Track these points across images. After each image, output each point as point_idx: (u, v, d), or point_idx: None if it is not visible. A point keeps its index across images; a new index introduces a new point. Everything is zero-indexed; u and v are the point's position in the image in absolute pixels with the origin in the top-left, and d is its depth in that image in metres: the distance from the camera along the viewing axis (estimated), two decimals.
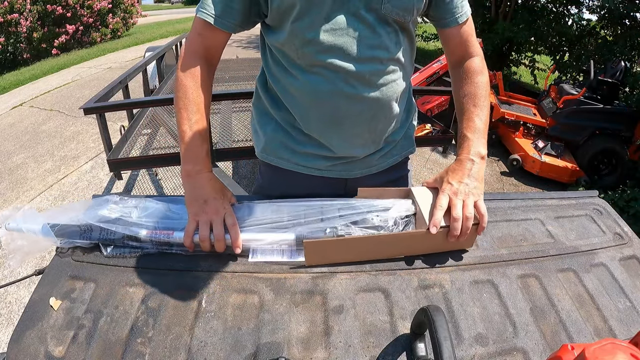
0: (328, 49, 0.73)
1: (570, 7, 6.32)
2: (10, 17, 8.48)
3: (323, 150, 0.85)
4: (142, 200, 0.76)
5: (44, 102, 5.60)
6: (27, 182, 3.43)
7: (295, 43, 0.74)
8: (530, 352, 0.58)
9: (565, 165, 3.66)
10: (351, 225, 0.71)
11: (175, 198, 0.80)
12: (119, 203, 0.74)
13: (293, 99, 0.81)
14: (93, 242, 0.69)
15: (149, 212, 0.73)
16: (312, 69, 0.75)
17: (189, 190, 0.74)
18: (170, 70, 3.87)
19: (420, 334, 0.56)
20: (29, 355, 0.54)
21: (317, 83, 0.76)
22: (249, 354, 0.55)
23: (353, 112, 0.79)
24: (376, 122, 0.82)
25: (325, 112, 0.79)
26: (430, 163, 3.93)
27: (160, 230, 0.70)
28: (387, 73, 0.78)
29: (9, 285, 0.70)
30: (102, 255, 0.68)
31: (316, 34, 0.71)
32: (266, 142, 0.90)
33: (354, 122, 0.80)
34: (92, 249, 0.69)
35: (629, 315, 0.66)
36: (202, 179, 0.74)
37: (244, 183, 3.27)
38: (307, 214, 0.73)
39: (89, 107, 1.74)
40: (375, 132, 0.84)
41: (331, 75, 0.75)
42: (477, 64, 0.84)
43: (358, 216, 0.71)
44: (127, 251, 0.69)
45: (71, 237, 0.69)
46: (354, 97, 0.77)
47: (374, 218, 0.71)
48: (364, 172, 0.91)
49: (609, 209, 0.90)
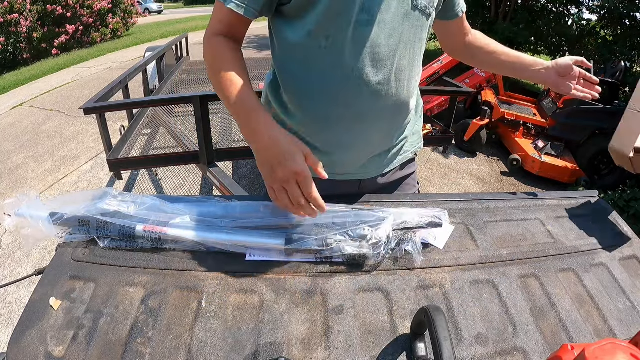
0: (357, 32, 0.70)
1: (570, 7, 6.32)
2: (10, 17, 8.49)
3: (339, 152, 0.84)
4: (140, 197, 0.76)
5: (44, 102, 5.60)
6: (27, 182, 3.43)
7: (320, 37, 0.71)
8: (530, 352, 0.58)
9: (565, 165, 3.66)
10: (345, 237, 0.69)
11: (178, 198, 0.80)
12: (118, 197, 0.75)
13: (310, 97, 0.78)
14: (90, 235, 0.70)
15: (146, 206, 0.73)
16: (336, 56, 0.73)
17: (257, 149, 0.68)
18: (170, 70, 3.87)
19: (420, 334, 0.56)
20: (29, 355, 0.54)
21: (339, 73, 0.74)
22: (249, 354, 0.55)
23: (376, 109, 0.77)
24: (397, 118, 0.83)
25: (348, 110, 0.77)
26: (430, 163, 3.93)
27: (155, 227, 0.69)
28: (419, 63, 0.80)
29: (9, 285, 0.70)
30: (102, 255, 0.68)
31: (347, 27, 0.69)
32: None
33: (376, 120, 0.79)
34: (92, 246, 0.69)
35: (629, 315, 0.66)
36: (268, 136, 0.66)
37: (244, 183, 3.27)
38: (298, 218, 0.71)
39: (89, 107, 1.74)
40: (394, 129, 0.85)
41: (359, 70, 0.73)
42: (479, 33, 0.98)
43: (350, 226, 0.70)
44: (123, 244, 0.69)
45: (70, 228, 0.70)
46: (379, 94, 0.75)
47: (366, 230, 0.69)
48: (378, 170, 0.90)
49: (609, 209, 0.90)
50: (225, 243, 0.69)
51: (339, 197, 0.79)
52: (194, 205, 0.75)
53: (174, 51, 4.31)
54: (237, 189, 1.77)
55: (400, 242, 0.71)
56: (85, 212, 0.70)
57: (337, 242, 0.68)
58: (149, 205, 0.74)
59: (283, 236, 0.69)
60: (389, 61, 0.74)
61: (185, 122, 2.52)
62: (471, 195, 0.88)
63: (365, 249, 0.68)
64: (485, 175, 3.83)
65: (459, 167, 3.93)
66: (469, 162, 4.03)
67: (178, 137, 2.28)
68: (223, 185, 1.81)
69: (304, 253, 0.69)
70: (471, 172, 3.84)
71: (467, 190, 3.49)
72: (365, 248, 0.68)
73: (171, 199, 0.78)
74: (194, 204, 0.76)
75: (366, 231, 0.69)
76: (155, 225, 0.70)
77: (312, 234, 0.69)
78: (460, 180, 3.69)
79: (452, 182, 3.63)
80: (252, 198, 0.84)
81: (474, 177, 3.76)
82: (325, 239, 0.68)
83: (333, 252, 0.68)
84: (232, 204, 0.76)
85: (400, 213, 0.74)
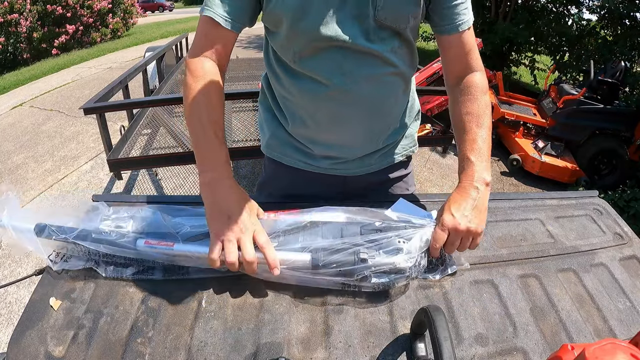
0: (324, 52, 0.72)
1: (570, 7, 6.32)
2: (10, 17, 8.49)
3: (321, 149, 0.86)
4: (137, 210, 0.70)
5: (44, 102, 5.60)
6: (27, 182, 3.43)
7: (291, 45, 0.73)
8: (530, 352, 0.58)
9: (565, 165, 3.66)
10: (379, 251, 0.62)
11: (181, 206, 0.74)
12: (111, 215, 0.68)
13: (291, 98, 0.81)
14: (88, 264, 0.65)
15: (146, 223, 0.67)
16: (307, 72, 0.75)
17: (209, 203, 0.66)
18: (171, 70, 3.87)
19: (420, 334, 0.56)
20: (29, 355, 0.54)
21: (312, 85, 0.76)
22: (249, 354, 0.55)
23: (348, 114, 0.79)
24: (372, 123, 0.82)
25: (322, 114, 0.79)
26: (430, 163, 3.93)
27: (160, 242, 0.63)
28: (383, 75, 0.76)
29: (9, 285, 0.70)
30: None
31: (313, 37, 0.70)
32: (270, 138, 0.91)
33: (350, 123, 0.80)
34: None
35: (629, 315, 0.66)
36: (223, 189, 0.67)
37: (244, 183, 3.27)
38: (325, 233, 0.65)
39: (89, 107, 1.74)
40: (372, 133, 0.84)
41: (326, 78, 0.74)
42: (479, 80, 0.78)
43: (382, 238, 0.63)
44: (127, 272, 0.64)
45: (62, 249, 0.65)
46: (348, 100, 0.76)
47: (400, 242, 0.63)
48: (363, 170, 0.91)
49: (609, 209, 0.90)
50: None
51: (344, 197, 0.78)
52: (199, 215, 0.69)
53: (174, 51, 4.31)
54: None
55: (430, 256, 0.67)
56: (79, 233, 0.63)
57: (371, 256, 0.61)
58: (149, 221, 0.68)
59: (308, 252, 0.62)
60: (354, 72, 0.74)
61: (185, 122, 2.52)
62: None
63: (399, 272, 0.62)
64: None
65: None
66: None
67: (178, 137, 2.28)
68: None
69: (333, 273, 0.62)
70: None
71: None
72: (400, 272, 0.62)
73: (172, 209, 0.72)
74: (199, 214, 0.69)
75: (400, 245, 0.63)
76: (162, 249, 0.63)
77: (341, 249, 0.62)
78: None
79: (452, 182, 3.63)
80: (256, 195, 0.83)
81: None
82: (357, 254, 0.61)
83: (364, 276, 0.61)
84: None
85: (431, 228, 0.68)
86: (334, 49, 0.72)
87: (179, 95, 2.67)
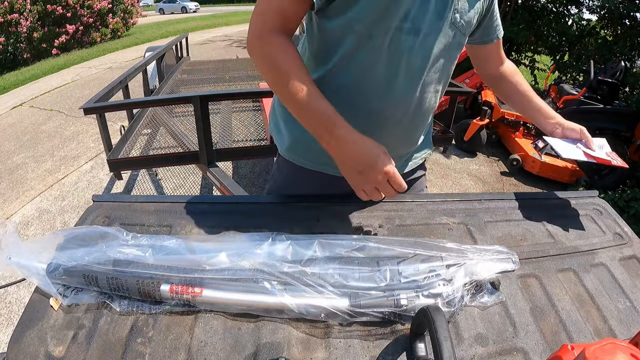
0: (396, 51, 0.72)
1: (570, 7, 6.32)
2: (10, 17, 8.50)
3: None
4: (159, 238, 0.66)
5: (44, 102, 5.61)
6: (27, 182, 3.43)
7: (363, 37, 0.71)
8: (530, 352, 0.58)
9: (565, 165, 3.65)
10: (418, 294, 0.59)
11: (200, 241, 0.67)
12: (130, 241, 0.64)
13: (337, 98, 0.75)
14: (101, 298, 0.60)
15: (168, 251, 0.62)
16: (372, 67, 0.74)
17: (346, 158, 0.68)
18: (170, 70, 3.87)
19: (420, 334, 0.56)
20: (29, 355, 0.54)
21: (371, 81, 0.75)
22: (249, 354, 0.55)
23: (396, 118, 0.79)
24: (415, 128, 0.84)
25: (367, 114, 0.78)
26: (430, 163, 3.93)
27: (184, 287, 0.59)
28: (447, 79, 0.82)
29: (9, 285, 0.70)
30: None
31: (387, 31, 0.70)
32: (292, 142, 0.89)
33: (394, 127, 0.81)
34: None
35: (629, 315, 0.66)
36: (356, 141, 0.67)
37: (243, 183, 3.27)
38: (361, 271, 0.61)
39: (89, 107, 1.74)
40: (410, 138, 0.86)
41: (389, 75, 0.74)
42: (512, 65, 0.99)
43: (422, 277, 0.61)
44: (144, 307, 0.60)
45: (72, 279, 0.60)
46: (403, 103, 0.77)
47: (440, 285, 0.60)
48: None
49: (609, 209, 0.90)
50: (274, 306, 0.58)
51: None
52: (229, 243, 0.65)
53: (174, 51, 4.32)
54: (237, 189, 1.77)
55: (473, 294, 0.64)
56: (91, 263, 0.60)
57: (410, 301, 0.59)
58: (171, 248, 0.63)
59: (346, 297, 0.59)
60: (419, 73, 0.76)
61: (185, 122, 2.52)
62: (471, 195, 0.88)
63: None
64: (485, 175, 3.82)
65: (459, 167, 3.93)
66: (469, 162, 4.03)
67: (178, 137, 2.28)
68: (223, 185, 1.81)
69: (372, 315, 0.59)
70: (471, 172, 3.84)
71: (467, 190, 3.49)
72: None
73: (198, 238, 0.67)
74: (228, 241, 0.65)
75: (440, 288, 0.61)
76: (185, 284, 0.59)
77: (380, 293, 0.59)
78: (460, 180, 3.69)
79: (452, 182, 3.63)
80: (257, 198, 0.83)
81: (474, 177, 3.76)
82: (397, 297, 0.59)
83: (406, 312, 0.58)
84: (280, 239, 0.65)
85: (472, 263, 0.65)
86: (407, 39, 0.73)
87: (179, 95, 2.68)
